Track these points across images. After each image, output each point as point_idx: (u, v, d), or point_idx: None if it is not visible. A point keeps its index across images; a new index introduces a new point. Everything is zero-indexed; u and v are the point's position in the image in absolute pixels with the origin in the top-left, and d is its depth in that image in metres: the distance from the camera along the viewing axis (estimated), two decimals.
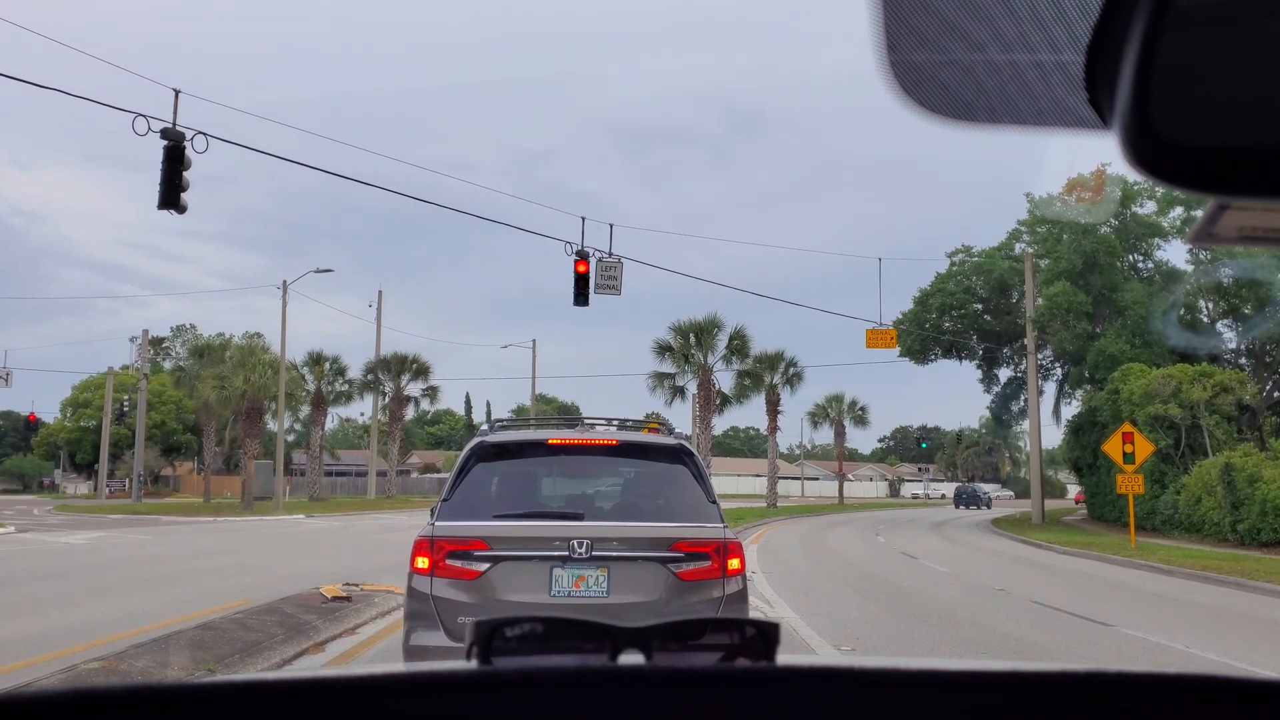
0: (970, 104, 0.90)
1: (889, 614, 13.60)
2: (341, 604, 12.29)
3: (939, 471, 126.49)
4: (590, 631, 1.32)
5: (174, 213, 16.56)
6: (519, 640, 1.32)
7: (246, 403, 51.28)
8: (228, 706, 1.13)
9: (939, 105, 0.90)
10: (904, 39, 0.86)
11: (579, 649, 1.32)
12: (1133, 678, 1.24)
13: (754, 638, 1.38)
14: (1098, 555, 25.24)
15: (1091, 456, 40.20)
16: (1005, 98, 0.89)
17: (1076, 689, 1.23)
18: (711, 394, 51.14)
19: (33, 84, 16.73)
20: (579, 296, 22.48)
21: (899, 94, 0.88)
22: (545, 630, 1.34)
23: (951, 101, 0.90)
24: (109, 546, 24.70)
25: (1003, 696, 1.23)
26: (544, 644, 1.33)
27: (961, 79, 0.89)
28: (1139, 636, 11.83)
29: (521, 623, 1.33)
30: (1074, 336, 40.69)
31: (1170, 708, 1.21)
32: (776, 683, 1.26)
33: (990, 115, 0.90)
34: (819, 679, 1.28)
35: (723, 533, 6.65)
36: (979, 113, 0.90)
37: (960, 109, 0.90)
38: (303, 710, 1.15)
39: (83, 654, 9.08)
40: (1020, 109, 0.90)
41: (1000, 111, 0.90)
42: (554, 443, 7.35)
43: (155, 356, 76.76)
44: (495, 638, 1.30)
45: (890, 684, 1.24)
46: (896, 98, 0.88)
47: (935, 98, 0.89)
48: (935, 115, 0.90)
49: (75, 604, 13.32)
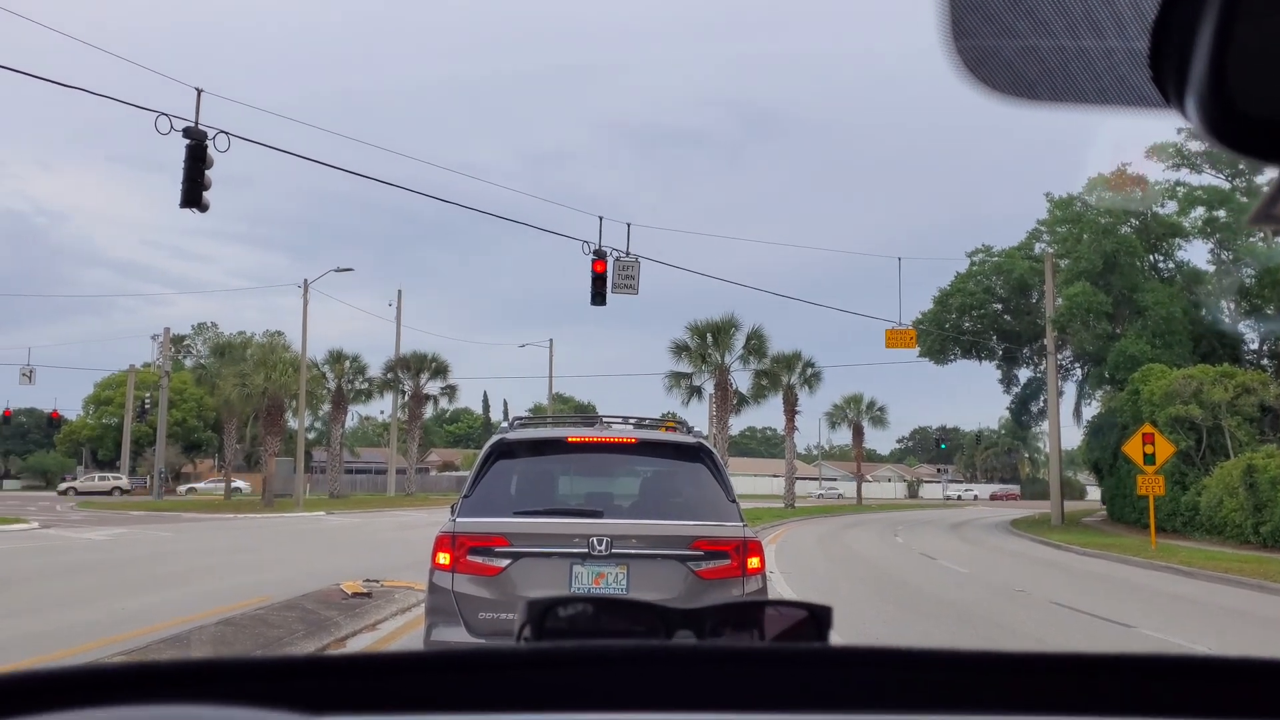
0: (1033, 82, 0.90)
1: (908, 614, 13.56)
2: (362, 600, 12.35)
3: (958, 472, 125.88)
4: (642, 613, 1.33)
5: (196, 211, 16.68)
6: (570, 620, 1.32)
7: (267, 400, 51.55)
8: (294, 681, 1.14)
9: (1001, 83, 0.90)
10: (968, 15, 0.86)
11: (630, 630, 1.32)
12: (1167, 661, 1.24)
13: (805, 620, 1.39)
14: (1118, 556, 25.09)
15: (1111, 458, 39.96)
16: (1068, 75, 0.89)
17: (1120, 671, 1.23)
18: (728, 394, 51.06)
19: (57, 83, 16.88)
20: (596, 296, 22.51)
21: (962, 71, 0.88)
22: (597, 611, 1.34)
23: (1014, 79, 0.90)
24: (131, 543, 24.87)
25: (1055, 679, 1.22)
26: (595, 624, 1.33)
27: (1025, 56, 0.88)
28: (1160, 638, 11.76)
29: (574, 602, 1.33)
30: (1094, 337, 40.45)
31: (1198, 689, 1.21)
32: (830, 664, 1.26)
33: (1052, 93, 0.91)
34: (872, 661, 1.27)
35: (742, 531, 6.65)
36: (1041, 90, 0.91)
37: (1023, 87, 0.90)
38: (362, 686, 1.16)
39: (106, 648, 9.16)
40: (1083, 87, 0.89)
41: (1062, 89, 0.90)
42: (573, 440, 7.37)
43: (177, 354, 77.20)
44: (548, 617, 1.30)
45: (944, 666, 1.24)
46: (959, 75, 0.89)
47: (998, 75, 0.89)
48: (997, 93, 0.90)
49: (98, 599, 13.42)
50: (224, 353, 57.23)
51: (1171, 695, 1.20)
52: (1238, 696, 1.20)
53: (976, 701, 1.19)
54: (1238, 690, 1.21)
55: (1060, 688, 1.21)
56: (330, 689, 1.14)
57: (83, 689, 1.04)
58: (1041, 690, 1.21)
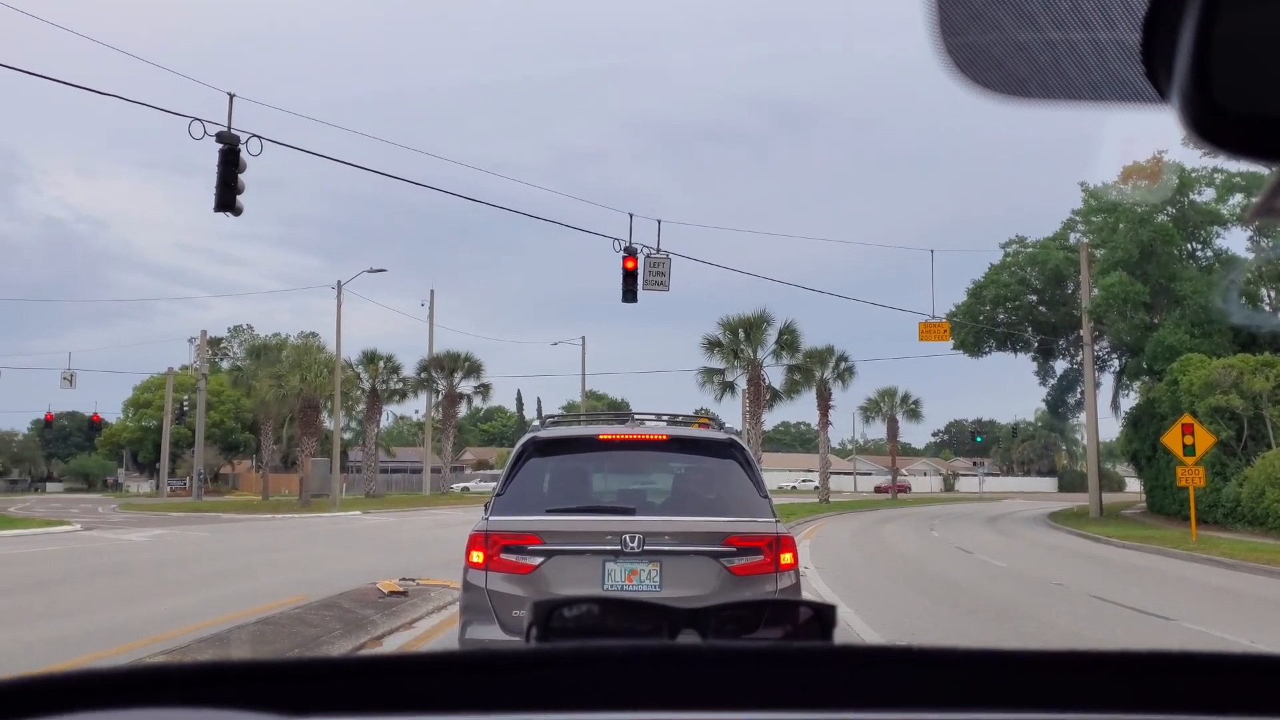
0: (1024, 80, 0.89)
1: (944, 609, 13.48)
2: (398, 599, 12.44)
3: (994, 465, 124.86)
4: (646, 613, 1.33)
5: (230, 214, 16.84)
6: (576, 621, 1.33)
7: (303, 401, 52.01)
8: (306, 685, 1.15)
9: (993, 82, 0.89)
10: (957, 15, 0.86)
11: (635, 630, 1.33)
12: (1195, 658, 1.23)
13: (810, 620, 1.39)
14: (1157, 549, 24.80)
15: (1150, 449, 39.50)
16: (1059, 72, 0.88)
17: (1138, 670, 1.22)
18: (761, 389, 50.93)
19: (93, 90, 17.12)
20: (627, 293, 22.50)
21: (953, 71, 0.88)
22: (602, 611, 1.35)
23: (1005, 78, 0.89)
24: (171, 544, 25.20)
25: (1063, 678, 1.22)
26: (601, 625, 1.34)
27: (1015, 54, 0.88)
28: (1201, 631, 11.61)
29: (579, 603, 1.34)
30: (1131, 327, 39.94)
31: (1231, 687, 1.20)
32: (833, 663, 1.26)
33: (1044, 91, 0.90)
34: (875, 660, 1.27)
35: (775, 527, 6.63)
36: (1033, 88, 0.90)
37: (1014, 85, 0.89)
38: (372, 687, 1.17)
39: (148, 648, 9.29)
40: (1075, 84, 0.88)
41: (1055, 87, 0.89)
42: (605, 438, 7.38)
43: (213, 357, 78.07)
44: (553, 618, 1.31)
45: (946, 665, 1.24)
46: (950, 75, 0.88)
47: (989, 74, 0.88)
48: (989, 92, 0.90)
49: (140, 599, 13.61)
50: (260, 355, 57.82)
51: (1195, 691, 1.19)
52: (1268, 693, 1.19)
53: (979, 699, 1.18)
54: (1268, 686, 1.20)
55: (1066, 684, 1.20)
56: (319, 691, 1.15)
57: (66, 694, 1.06)
58: (1044, 687, 1.20)
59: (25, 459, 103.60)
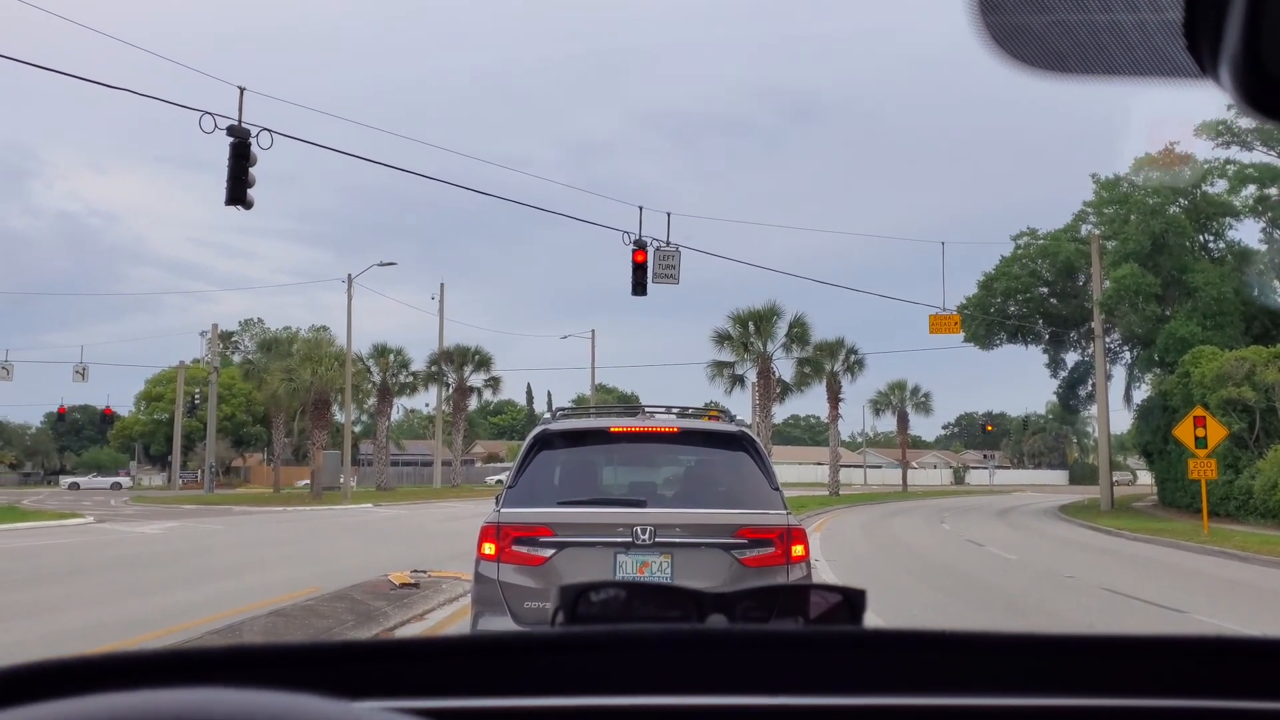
0: (1064, 55, 0.88)
1: (955, 601, 13.47)
2: (410, 591, 12.48)
3: (1004, 459, 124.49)
4: (674, 597, 1.33)
5: (241, 208, 16.87)
6: (604, 605, 1.32)
7: (314, 395, 52.18)
8: (328, 667, 1.16)
9: (1031, 56, 0.88)
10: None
11: (663, 615, 1.32)
12: (1216, 642, 1.23)
13: (839, 604, 1.39)
14: (1169, 541, 24.73)
15: (1162, 441, 39.35)
16: (1100, 46, 0.87)
17: (1168, 654, 1.22)
18: (771, 382, 50.89)
19: (104, 85, 17.15)
20: (637, 286, 22.48)
21: (990, 45, 0.87)
22: (629, 596, 1.35)
23: (1044, 52, 0.87)
24: (183, 536, 25.31)
25: (1099, 662, 1.21)
26: (628, 609, 1.34)
27: (1055, 27, 0.86)
28: (1214, 624, 11.59)
29: (606, 587, 1.34)
30: (1143, 319, 39.79)
31: (1243, 670, 1.20)
32: (864, 646, 1.26)
33: (1084, 66, 0.89)
34: (907, 644, 1.27)
35: (786, 519, 6.63)
36: (1072, 63, 0.89)
37: (1053, 60, 0.88)
38: (402, 669, 1.17)
39: (160, 639, 9.34)
40: (1115, 58, 0.87)
41: (1094, 62, 0.88)
42: (616, 430, 7.37)
43: (225, 350, 78.34)
44: (581, 602, 1.31)
45: (981, 649, 1.23)
46: (987, 49, 0.87)
47: (1027, 48, 0.87)
48: (1027, 67, 0.89)
49: (152, 592, 13.68)
50: (271, 348, 58.04)
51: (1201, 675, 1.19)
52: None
53: (1008, 684, 1.18)
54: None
55: (1087, 669, 1.20)
56: (364, 673, 1.15)
57: (115, 675, 1.06)
58: (1081, 671, 1.20)
59: (38, 452, 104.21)
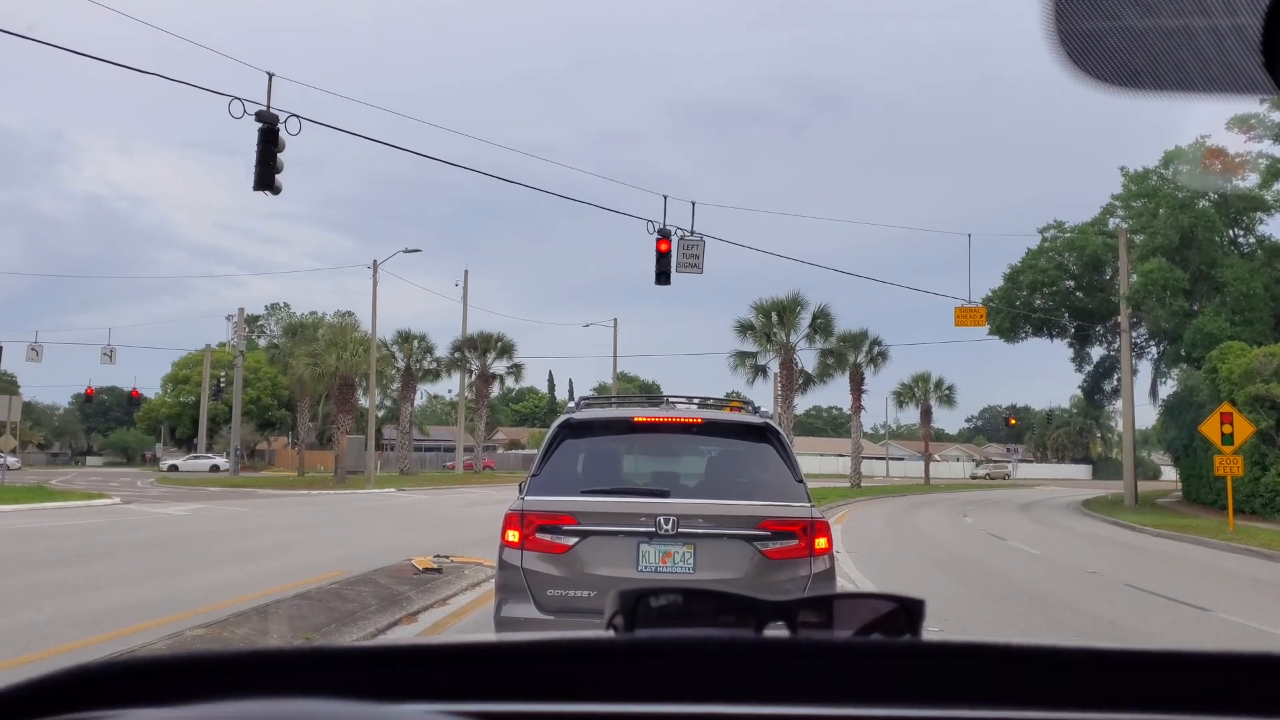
0: (1138, 71, 0.87)
1: (978, 595, 13.43)
2: (433, 576, 12.56)
3: (1028, 452, 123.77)
4: (732, 604, 1.32)
5: (269, 193, 16.97)
6: (661, 610, 1.32)
7: (338, 379, 52.48)
8: (398, 670, 1.16)
9: (1105, 72, 0.87)
10: (1074, 3, 0.84)
11: (721, 622, 1.32)
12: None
13: (896, 612, 1.38)
14: (1194, 538, 24.55)
15: (1188, 437, 39.05)
16: (1175, 64, 0.85)
17: (1240, 670, 1.21)
18: (794, 373, 50.76)
19: (135, 69, 17.27)
20: (660, 275, 22.47)
21: (1064, 61, 0.86)
22: (687, 602, 1.34)
23: (1119, 68, 0.86)
24: (208, 518, 25.53)
25: (1155, 678, 1.21)
26: (685, 615, 1.33)
27: (1129, 43, 0.85)
28: (1239, 622, 11.50)
29: (664, 593, 1.33)
30: (1170, 314, 39.43)
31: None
32: (924, 657, 1.25)
33: (1156, 82, 0.88)
34: (968, 655, 1.26)
35: (810, 511, 6.63)
36: (1145, 80, 0.88)
37: (1127, 76, 0.87)
38: (456, 674, 1.18)
39: (187, 621, 9.43)
40: (1190, 75, 0.85)
41: (1168, 79, 0.87)
42: (639, 420, 7.38)
43: (251, 334, 78.74)
44: (640, 607, 1.31)
45: (1045, 662, 1.23)
46: (1061, 65, 0.86)
47: (1102, 65, 0.86)
48: (1101, 83, 0.88)
49: (178, 573, 13.82)
50: (296, 333, 58.40)
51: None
52: None
53: (1072, 698, 1.18)
54: None
55: (1158, 685, 1.19)
56: (426, 677, 1.15)
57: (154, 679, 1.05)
58: (1141, 687, 1.19)
59: (66, 433, 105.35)
